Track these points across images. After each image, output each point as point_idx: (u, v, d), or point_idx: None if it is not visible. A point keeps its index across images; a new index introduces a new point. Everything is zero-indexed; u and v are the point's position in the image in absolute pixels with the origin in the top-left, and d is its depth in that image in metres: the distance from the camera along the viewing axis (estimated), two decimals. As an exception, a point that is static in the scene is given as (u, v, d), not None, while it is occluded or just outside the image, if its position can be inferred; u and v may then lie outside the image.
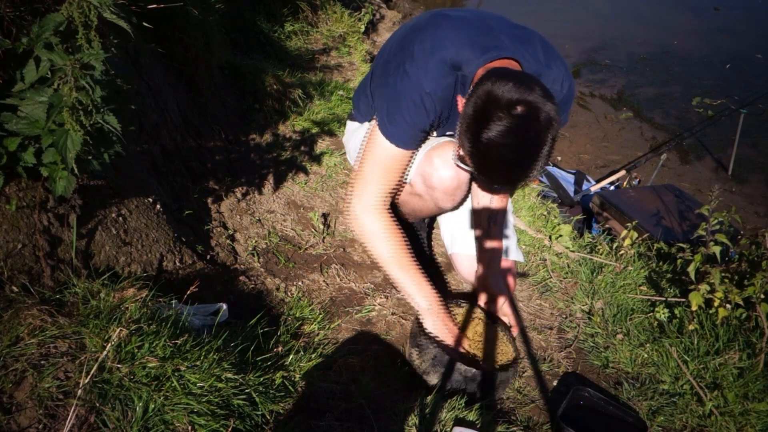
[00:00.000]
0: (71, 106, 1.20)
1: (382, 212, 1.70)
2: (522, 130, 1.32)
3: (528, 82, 1.35)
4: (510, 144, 1.32)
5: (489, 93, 1.34)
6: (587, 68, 7.23)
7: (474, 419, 1.55)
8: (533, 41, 1.59)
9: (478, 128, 1.34)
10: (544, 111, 1.32)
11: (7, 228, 1.37)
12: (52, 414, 1.11)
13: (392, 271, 1.71)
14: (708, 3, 9.22)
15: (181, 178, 2.18)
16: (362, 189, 1.70)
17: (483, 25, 1.58)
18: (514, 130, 1.31)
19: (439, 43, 1.53)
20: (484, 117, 1.33)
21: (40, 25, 1.20)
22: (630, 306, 2.20)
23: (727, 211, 2.09)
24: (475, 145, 1.36)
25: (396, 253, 1.69)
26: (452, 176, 1.73)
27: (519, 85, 1.33)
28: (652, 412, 1.79)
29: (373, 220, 1.69)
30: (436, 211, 1.93)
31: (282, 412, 1.40)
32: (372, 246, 1.73)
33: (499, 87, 1.33)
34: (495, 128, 1.31)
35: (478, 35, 1.53)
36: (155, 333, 1.29)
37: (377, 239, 1.70)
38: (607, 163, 5.49)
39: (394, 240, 1.69)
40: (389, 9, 6.26)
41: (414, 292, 1.68)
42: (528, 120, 1.31)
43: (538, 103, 1.32)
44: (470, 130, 1.36)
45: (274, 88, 3.11)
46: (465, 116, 1.39)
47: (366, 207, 1.70)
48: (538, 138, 1.33)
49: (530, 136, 1.32)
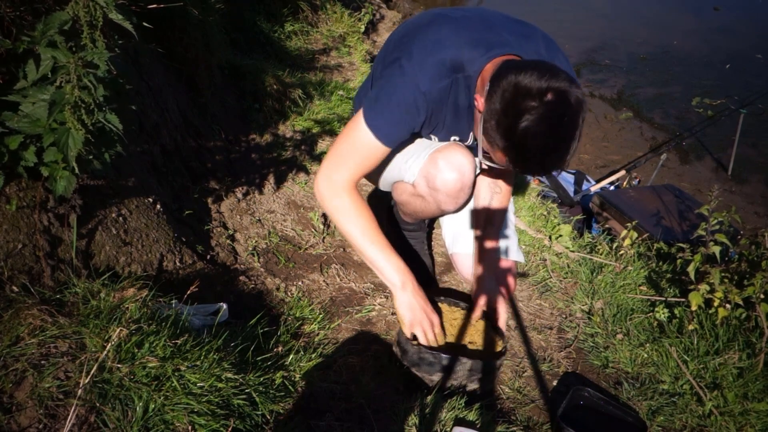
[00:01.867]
0: (73, 105, 1.20)
1: (351, 190, 1.67)
2: (556, 117, 1.33)
3: (551, 68, 1.37)
4: (546, 131, 1.33)
5: (516, 85, 1.34)
6: (587, 68, 7.23)
7: (474, 419, 1.55)
8: (536, 37, 1.59)
9: (511, 121, 1.35)
10: (573, 94, 1.34)
11: (7, 228, 1.37)
12: (52, 414, 1.11)
13: (362, 246, 1.68)
14: (708, 3, 9.22)
15: (181, 178, 2.18)
16: (334, 166, 1.67)
17: (485, 22, 1.58)
18: (549, 118, 1.33)
19: (438, 42, 1.53)
20: (517, 109, 1.34)
21: (45, 23, 1.21)
22: (630, 306, 2.20)
23: (727, 211, 2.09)
24: (510, 138, 1.37)
25: (366, 229, 1.66)
26: (456, 179, 1.73)
27: (544, 73, 1.34)
28: (652, 412, 1.79)
29: (342, 197, 1.66)
30: (438, 213, 1.93)
31: (282, 412, 1.40)
32: (341, 221, 1.69)
33: (525, 77, 1.34)
34: (529, 118, 1.32)
35: (480, 33, 1.54)
36: (155, 333, 1.29)
37: (346, 215, 1.67)
38: (607, 163, 5.49)
39: (364, 216, 1.67)
40: (389, 9, 6.26)
41: (385, 267, 1.66)
42: (560, 105, 1.33)
43: (567, 87, 1.33)
44: (502, 124, 1.37)
45: (274, 88, 3.11)
46: (492, 112, 1.39)
47: (335, 183, 1.66)
48: (572, 122, 1.35)
49: (564, 121, 1.34)
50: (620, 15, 8.72)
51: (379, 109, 1.57)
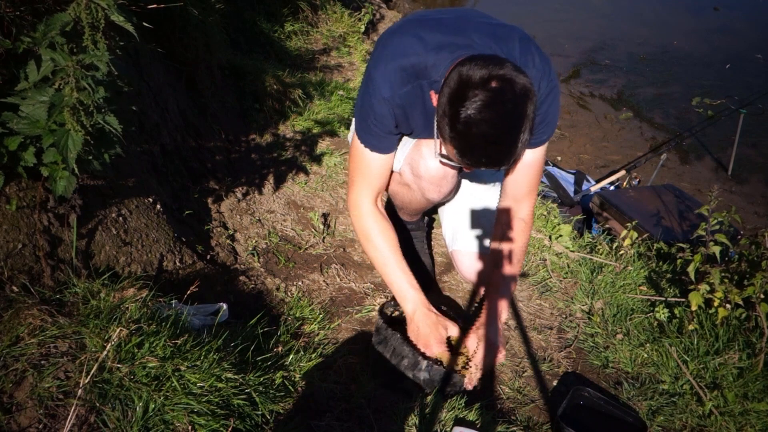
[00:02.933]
0: (72, 107, 1.20)
1: (373, 211, 1.74)
2: (499, 103, 1.31)
3: (497, 59, 1.36)
4: (488, 118, 1.31)
5: (461, 75, 1.34)
6: (587, 68, 7.23)
7: (474, 419, 1.55)
8: (511, 39, 1.56)
9: (454, 110, 1.34)
10: (518, 83, 1.32)
11: (7, 228, 1.37)
12: (52, 414, 1.11)
13: (381, 271, 1.75)
14: (708, 3, 9.22)
15: (181, 178, 2.18)
16: (351, 189, 1.76)
17: (457, 26, 1.57)
18: (491, 104, 1.31)
19: (401, 49, 1.53)
20: (459, 97, 1.33)
21: (46, 24, 1.20)
22: (630, 306, 2.20)
23: (727, 211, 2.09)
24: (454, 127, 1.35)
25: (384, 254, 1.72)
26: (438, 166, 1.73)
27: (488, 63, 1.33)
28: (652, 412, 1.79)
29: (365, 220, 1.74)
30: (424, 203, 1.92)
31: (282, 412, 1.40)
32: (364, 244, 1.78)
33: (470, 68, 1.34)
34: (472, 105, 1.31)
35: (449, 36, 1.52)
36: (155, 333, 1.29)
37: (367, 239, 1.74)
38: (607, 163, 5.49)
39: (384, 240, 1.72)
40: (389, 9, 6.26)
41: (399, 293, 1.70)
42: (503, 92, 1.31)
43: (511, 75, 1.32)
44: (447, 114, 1.36)
45: (274, 88, 3.11)
46: (440, 104, 1.39)
47: (356, 206, 1.75)
48: (516, 110, 1.33)
49: (508, 108, 1.32)
50: (620, 15, 8.71)
51: (362, 122, 1.64)
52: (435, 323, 1.64)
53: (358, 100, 1.69)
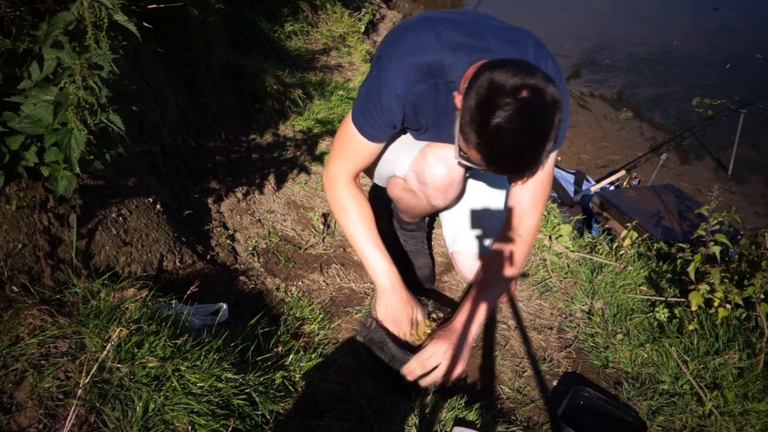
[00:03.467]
0: (77, 106, 1.20)
1: (350, 186, 1.75)
2: (530, 114, 1.31)
3: (527, 66, 1.35)
4: (518, 129, 1.31)
5: (491, 81, 1.33)
6: (587, 68, 7.23)
7: (474, 419, 1.55)
8: (525, 43, 1.57)
9: (484, 117, 1.33)
10: (548, 93, 1.32)
11: (7, 228, 1.37)
12: (52, 414, 1.11)
13: (354, 240, 1.77)
14: (708, 3, 9.22)
15: (181, 178, 2.18)
16: (333, 158, 1.76)
17: (473, 28, 1.57)
18: (522, 114, 1.30)
19: (418, 46, 1.53)
20: (490, 105, 1.32)
21: (49, 23, 1.20)
22: (630, 306, 2.20)
23: (727, 211, 2.09)
24: (483, 135, 1.35)
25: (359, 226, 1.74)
26: (445, 173, 1.73)
27: (519, 70, 1.32)
28: (652, 412, 1.79)
29: (340, 188, 1.75)
30: (429, 208, 1.93)
31: (282, 412, 1.40)
32: (338, 217, 1.80)
33: (500, 74, 1.32)
34: (502, 114, 1.30)
35: (465, 38, 1.52)
36: (155, 333, 1.29)
37: (343, 212, 1.76)
38: (607, 163, 5.49)
39: (360, 215, 1.74)
40: (389, 9, 6.26)
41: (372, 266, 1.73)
42: (534, 103, 1.31)
43: (542, 85, 1.31)
44: (475, 120, 1.35)
45: (274, 88, 3.11)
46: (467, 108, 1.38)
47: (334, 175, 1.75)
48: (546, 121, 1.33)
49: (538, 119, 1.32)
50: (620, 15, 8.72)
51: (361, 108, 1.64)
52: (407, 300, 1.69)
53: (363, 87, 1.67)
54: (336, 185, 1.75)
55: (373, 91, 1.59)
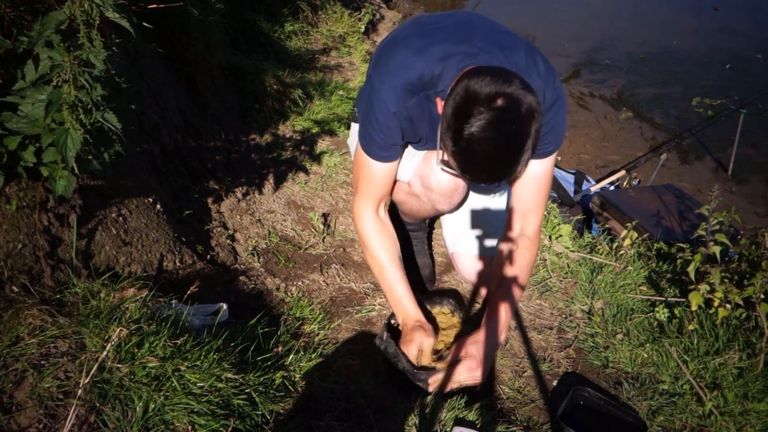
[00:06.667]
0: (71, 105, 1.20)
1: (375, 221, 1.77)
2: (503, 123, 1.30)
3: (506, 74, 1.34)
4: (492, 138, 1.30)
5: (467, 89, 1.33)
6: (587, 68, 7.23)
7: (474, 419, 1.55)
8: (516, 48, 1.55)
9: (458, 125, 1.33)
10: (525, 103, 1.31)
11: (7, 228, 1.37)
12: (52, 414, 1.11)
13: (379, 279, 1.81)
14: (708, 3, 9.21)
15: (181, 178, 2.18)
16: (356, 194, 1.79)
17: (461, 33, 1.55)
18: (496, 124, 1.30)
19: (406, 62, 1.52)
20: (464, 113, 1.31)
21: (41, 23, 1.20)
22: (630, 306, 2.20)
23: (727, 211, 2.09)
24: (457, 142, 1.34)
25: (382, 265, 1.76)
26: (450, 179, 1.73)
27: (497, 79, 1.31)
28: (652, 412, 1.79)
29: (367, 229, 1.77)
30: (433, 212, 1.93)
31: (282, 412, 1.40)
32: (364, 252, 1.83)
33: (477, 82, 1.32)
34: (476, 123, 1.30)
35: (455, 45, 1.51)
36: (155, 333, 1.29)
37: (367, 248, 1.78)
38: (607, 163, 5.49)
39: (384, 251, 1.76)
40: (389, 9, 6.26)
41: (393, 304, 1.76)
42: (509, 112, 1.30)
43: (518, 95, 1.30)
44: (451, 128, 1.35)
45: (274, 88, 3.11)
46: (445, 116, 1.38)
47: (359, 214, 1.77)
48: (521, 131, 1.32)
49: (512, 129, 1.31)
50: (620, 15, 8.71)
51: (363, 134, 1.66)
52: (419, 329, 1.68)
53: (361, 111, 1.68)
54: (361, 221, 1.77)
55: (369, 114, 1.60)
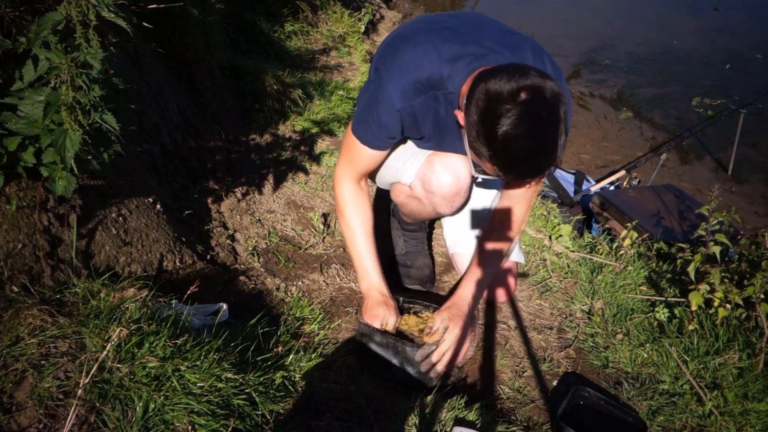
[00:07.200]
0: (69, 106, 1.20)
1: (353, 188, 1.81)
2: (534, 114, 1.30)
3: (520, 68, 1.34)
4: (527, 131, 1.30)
5: (487, 92, 1.32)
6: (587, 68, 7.22)
7: (474, 419, 1.55)
8: (524, 48, 1.56)
9: (489, 128, 1.32)
10: (547, 89, 1.31)
11: (7, 228, 1.37)
12: (52, 414, 1.11)
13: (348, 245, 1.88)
14: (708, 3, 9.21)
15: (181, 178, 2.18)
16: (339, 161, 1.82)
17: (470, 34, 1.56)
18: (526, 116, 1.29)
19: (416, 62, 1.52)
20: (492, 115, 1.31)
21: (38, 24, 1.20)
22: (630, 306, 2.20)
23: (727, 211, 2.09)
24: (493, 146, 1.33)
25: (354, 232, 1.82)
26: (452, 182, 1.73)
27: (513, 74, 1.31)
28: (652, 412, 1.79)
29: (345, 195, 1.82)
30: (434, 215, 1.93)
31: (282, 412, 1.40)
32: (339, 217, 1.89)
33: (495, 83, 1.31)
34: (507, 121, 1.29)
35: (463, 46, 1.51)
36: (155, 333, 1.29)
37: (342, 213, 1.84)
38: (607, 163, 5.49)
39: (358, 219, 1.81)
40: (389, 9, 6.26)
41: (358, 269, 1.85)
42: (535, 102, 1.30)
43: (539, 83, 1.30)
44: (482, 134, 1.34)
45: (274, 88, 3.11)
46: (472, 124, 1.36)
47: (339, 176, 1.82)
48: (552, 117, 1.32)
49: (543, 117, 1.31)
50: (620, 15, 8.71)
51: (360, 121, 1.67)
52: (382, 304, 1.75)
53: (362, 100, 1.69)
54: (340, 185, 1.81)
55: (372, 106, 1.60)
